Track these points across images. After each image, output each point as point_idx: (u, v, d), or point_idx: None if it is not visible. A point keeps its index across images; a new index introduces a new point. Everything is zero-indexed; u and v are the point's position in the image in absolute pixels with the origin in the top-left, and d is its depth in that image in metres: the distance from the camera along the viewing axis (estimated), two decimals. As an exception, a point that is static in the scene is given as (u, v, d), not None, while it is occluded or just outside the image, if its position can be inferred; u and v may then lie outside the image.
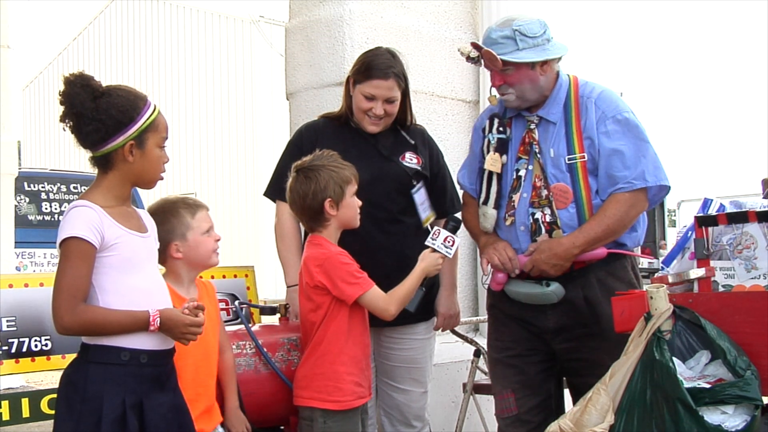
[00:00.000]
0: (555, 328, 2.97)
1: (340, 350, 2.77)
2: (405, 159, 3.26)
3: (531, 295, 2.96)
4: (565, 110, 2.98)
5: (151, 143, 2.39)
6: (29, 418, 3.31)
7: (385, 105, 3.18)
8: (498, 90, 3.00)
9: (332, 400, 2.75)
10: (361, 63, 3.23)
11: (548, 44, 2.93)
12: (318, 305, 2.79)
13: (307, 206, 2.83)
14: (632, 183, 2.89)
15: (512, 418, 3.04)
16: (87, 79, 2.35)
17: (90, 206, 2.31)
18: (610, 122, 2.92)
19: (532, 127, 3.00)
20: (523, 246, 2.96)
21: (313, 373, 2.78)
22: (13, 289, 3.23)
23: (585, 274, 2.94)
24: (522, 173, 2.98)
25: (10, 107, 7.40)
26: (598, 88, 3.00)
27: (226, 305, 3.89)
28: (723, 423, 2.22)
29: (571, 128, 2.95)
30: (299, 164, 2.88)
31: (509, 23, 2.91)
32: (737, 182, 11.93)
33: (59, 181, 9.52)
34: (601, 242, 2.90)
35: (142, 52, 19.13)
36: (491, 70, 2.98)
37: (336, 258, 2.78)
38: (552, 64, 2.96)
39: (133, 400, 2.30)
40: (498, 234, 3.05)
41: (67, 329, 2.28)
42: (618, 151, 2.89)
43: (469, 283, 4.82)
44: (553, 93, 3.00)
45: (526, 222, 2.95)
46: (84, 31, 20.91)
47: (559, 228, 2.91)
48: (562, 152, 2.94)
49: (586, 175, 2.92)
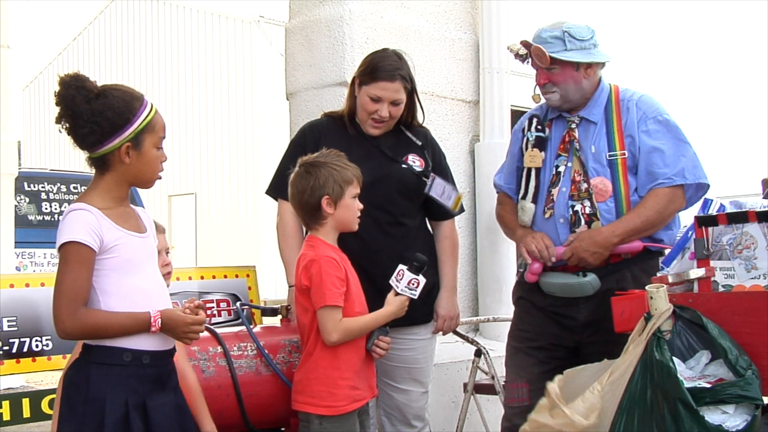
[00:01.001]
0: (585, 321, 3.03)
1: (333, 355, 2.76)
2: (408, 161, 3.25)
3: (567, 286, 3.01)
4: (606, 111, 3.10)
5: (148, 144, 2.37)
6: (30, 419, 3.32)
7: (390, 107, 3.18)
8: (542, 89, 3.11)
9: (326, 405, 2.75)
10: (367, 64, 3.22)
11: (594, 49, 3.07)
12: (306, 308, 2.79)
13: (305, 202, 2.83)
14: (672, 179, 2.99)
15: (522, 408, 3.05)
16: (82, 81, 2.33)
17: (88, 209, 2.30)
18: (651, 122, 3.04)
19: (573, 126, 3.11)
20: (562, 238, 3.03)
21: (308, 378, 2.78)
22: (14, 289, 3.23)
23: (620, 268, 3.02)
24: (561, 169, 3.07)
25: (10, 107, 7.40)
26: (639, 93, 3.15)
27: (227, 305, 3.90)
28: (723, 423, 2.22)
29: (612, 127, 3.06)
30: (304, 159, 2.89)
31: (560, 25, 3.06)
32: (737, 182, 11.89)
33: (59, 181, 9.51)
34: (640, 234, 2.99)
35: (142, 52, 19.12)
36: (537, 68, 3.09)
37: (320, 261, 2.75)
38: (596, 69, 3.10)
39: (135, 400, 2.30)
40: (535, 228, 3.11)
41: (68, 334, 2.28)
42: (658, 149, 3.01)
43: (469, 283, 4.83)
44: (594, 96, 3.12)
45: (565, 214, 3.03)
46: (84, 31, 20.90)
47: (598, 220, 2.99)
48: (603, 149, 3.05)
49: (625, 172, 3.02)
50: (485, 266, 4.79)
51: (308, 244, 2.85)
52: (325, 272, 2.73)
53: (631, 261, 3.02)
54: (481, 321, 4.63)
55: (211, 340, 2.90)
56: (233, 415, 2.84)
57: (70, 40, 21.26)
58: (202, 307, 2.42)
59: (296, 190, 2.85)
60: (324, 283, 2.72)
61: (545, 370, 3.06)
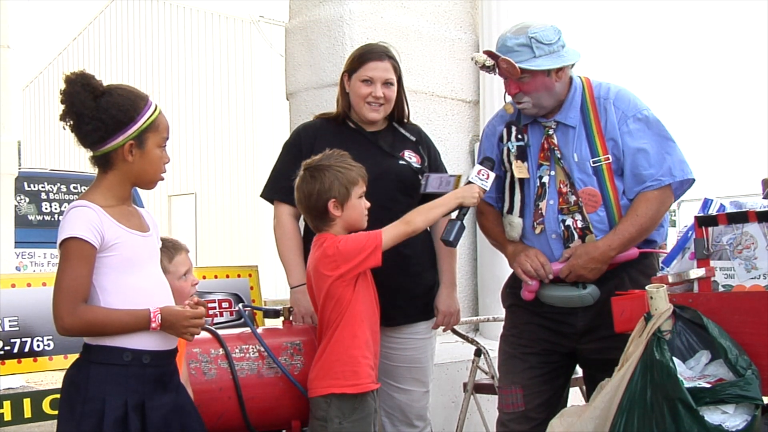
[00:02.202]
0: (583, 329, 2.98)
1: (353, 334, 2.78)
2: (405, 156, 3.26)
3: (567, 298, 2.95)
4: (583, 113, 2.98)
5: (152, 143, 2.38)
6: (31, 419, 3.32)
7: (383, 88, 3.19)
8: (513, 98, 2.98)
9: (350, 384, 2.76)
10: (354, 55, 3.29)
11: (563, 50, 2.93)
12: (341, 297, 2.78)
13: (312, 206, 2.84)
14: (660, 180, 2.92)
15: (518, 413, 3.04)
16: (88, 78, 2.35)
17: (90, 206, 2.30)
18: (632, 121, 2.94)
19: (551, 132, 3.00)
20: (556, 254, 2.95)
21: (330, 361, 2.79)
22: (16, 289, 3.23)
23: (618, 274, 2.96)
24: (545, 180, 2.97)
25: (10, 107, 7.41)
26: (614, 88, 3.01)
27: (229, 305, 3.90)
28: (723, 423, 2.22)
29: (592, 131, 2.96)
30: (308, 163, 2.88)
31: (524, 30, 2.91)
32: (737, 182, 11.87)
33: (59, 181, 9.51)
34: (636, 242, 2.93)
35: (142, 52, 19.12)
36: (506, 78, 2.96)
37: (341, 236, 2.81)
38: (566, 70, 2.97)
39: (135, 400, 2.30)
40: (525, 243, 3.02)
41: (68, 330, 2.28)
42: (642, 150, 2.92)
43: (469, 283, 4.83)
44: (568, 97, 3.00)
45: (557, 230, 2.95)
46: (84, 31, 20.89)
47: (592, 233, 2.91)
48: (586, 156, 2.94)
49: (612, 177, 2.94)
50: (485, 266, 4.79)
51: (319, 242, 2.85)
52: (352, 234, 2.81)
53: (627, 265, 2.97)
54: (481, 321, 4.64)
55: (212, 342, 2.90)
56: (234, 418, 2.83)
57: (70, 40, 21.26)
58: (203, 304, 2.42)
59: (302, 194, 2.86)
60: (361, 236, 2.80)
61: (540, 374, 3.04)
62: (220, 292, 3.95)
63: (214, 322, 3.80)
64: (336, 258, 2.77)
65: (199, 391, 2.74)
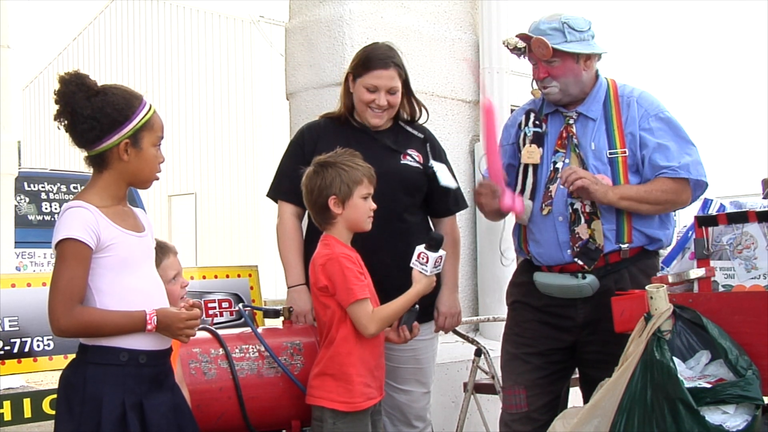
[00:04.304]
0: (583, 322, 3.00)
1: (349, 352, 2.77)
2: (407, 157, 3.26)
3: (565, 288, 2.98)
4: (605, 108, 3.05)
5: (147, 142, 2.37)
6: (31, 419, 3.32)
7: (387, 96, 3.18)
8: (541, 83, 3.06)
9: (341, 401, 2.75)
10: (359, 57, 3.25)
11: (592, 40, 3.03)
12: (326, 305, 2.80)
13: (314, 201, 2.84)
14: (676, 171, 2.96)
15: (521, 414, 3.05)
16: (82, 78, 2.35)
17: (85, 207, 2.30)
18: (654, 120, 3.01)
19: (571, 122, 3.06)
20: (561, 236, 2.99)
21: (324, 374, 2.79)
22: (16, 289, 3.23)
23: (619, 268, 2.98)
24: (559, 165, 3.02)
25: (10, 107, 7.40)
26: (638, 89, 3.10)
27: (229, 305, 3.90)
28: (724, 423, 2.22)
29: (612, 124, 3.02)
30: (318, 159, 2.89)
31: (557, 16, 3.01)
32: (737, 182, 11.88)
33: (59, 181, 9.51)
34: (643, 204, 2.93)
35: (142, 52, 19.11)
36: (536, 62, 3.03)
37: (338, 259, 2.76)
38: (593, 61, 3.05)
39: (132, 400, 2.30)
40: (532, 225, 3.07)
41: (63, 331, 2.28)
42: (663, 146, 2.97)
43: (469, 283, 4.83)
44: (593, 92, 3.07)
45: (564, 212, 2.98)
46: (84, 31, 20.88)
47: (599, 218, 2.94)
48: (603, 146, 3.01)
49: (626, 171, 2.98)
50: (485, 266, 4.79)
51: (324, 242, 2.85)
52: (346, 268, 2.75)
53: (629, 261, 2.99)
54: (481, 321, 4.64)
55: (212, 342, 2.89)
56: (235, 418, 2.83)
57: (70, 40, 21.24)
58: (198, 305, 2.42)
59: (306, 189, 2.87)
60: (348, 279, 2.74)
61: (543, 375, 3.06)
62: (220, 292, 3.94)
63: (214, 322, 3.80)
64: (326, 288, 2.78)
65: (199, 391, 2.74)
